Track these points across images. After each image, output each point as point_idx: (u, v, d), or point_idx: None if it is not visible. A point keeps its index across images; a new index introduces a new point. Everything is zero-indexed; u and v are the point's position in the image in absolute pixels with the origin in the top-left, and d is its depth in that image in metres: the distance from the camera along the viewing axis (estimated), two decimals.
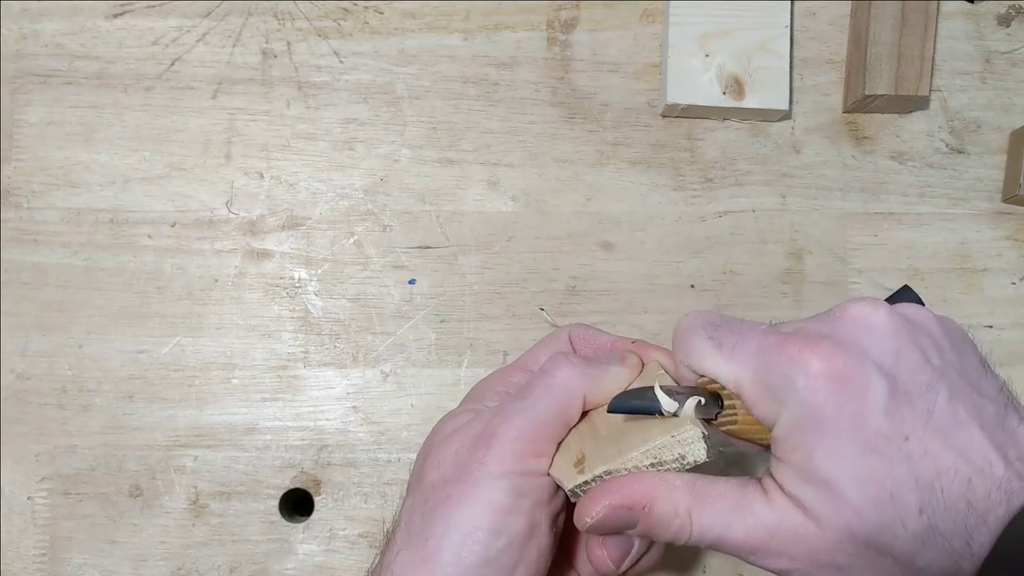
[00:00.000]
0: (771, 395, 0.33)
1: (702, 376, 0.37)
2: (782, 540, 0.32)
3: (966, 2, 0.60)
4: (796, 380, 0.32)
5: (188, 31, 0.59)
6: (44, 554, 0.56)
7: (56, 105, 0.58)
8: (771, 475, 0.34)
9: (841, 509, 0.31)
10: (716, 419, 0.36)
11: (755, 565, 0.34)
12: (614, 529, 0.36)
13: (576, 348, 0.43)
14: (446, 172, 0.58)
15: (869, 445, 0.31)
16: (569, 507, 0.38)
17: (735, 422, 0.36)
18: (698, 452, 0.35)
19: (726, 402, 0.36)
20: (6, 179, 0.58)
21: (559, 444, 0.38)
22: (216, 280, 0.58)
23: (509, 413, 0.38)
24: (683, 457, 0.35)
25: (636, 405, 0.36)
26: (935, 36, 0.57)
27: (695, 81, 0.56)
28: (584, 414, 0.39)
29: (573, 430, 0.39)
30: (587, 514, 0.35)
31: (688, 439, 0.35)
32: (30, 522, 0.56)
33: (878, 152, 0.59)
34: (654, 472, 0.35)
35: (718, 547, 0.34)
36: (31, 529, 0.56)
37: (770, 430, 0.34)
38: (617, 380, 0.39)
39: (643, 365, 0.41)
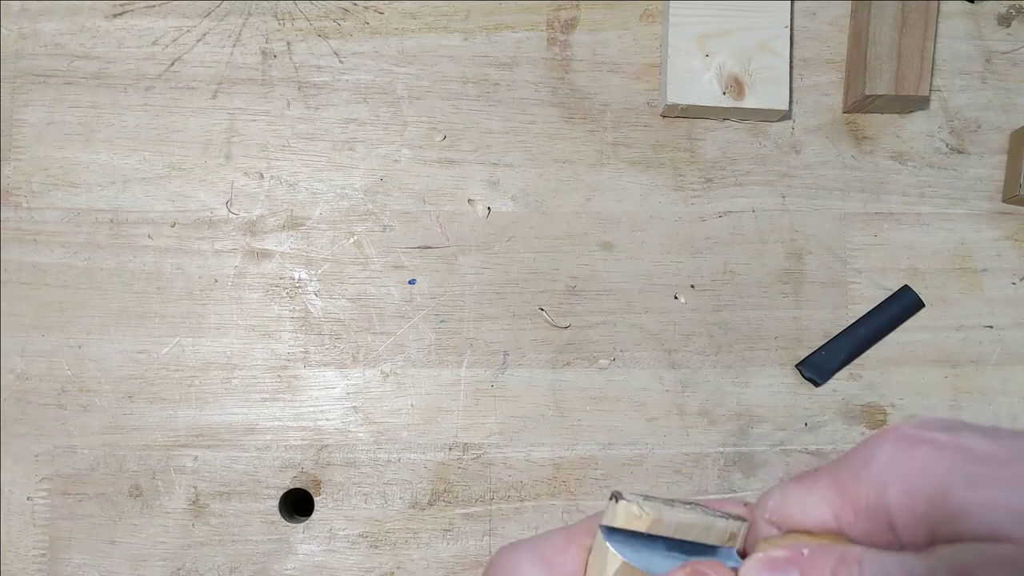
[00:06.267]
0: (868, 488, 0.30)
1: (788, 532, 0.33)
2: None
3: (966, 2, 0.60)
4: (877, 454, 0.30)
5: (188, 31, 0.59)
6: (44, 554, 0.56)
7: (56, 105, 0.58)
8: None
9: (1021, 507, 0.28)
10: None
11: None
12: None
13: None
14: (446, 172, 0.58)
15: (985, 457, 0.29)
16: None
17: None
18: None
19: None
20: (6, 179, 0.58)
21: None
22: (216, 280, 0.58)
23: None
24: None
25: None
26: (935, 36, 0.57)
27: (695, 81, 0.56)
28: None
29: None
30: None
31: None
32: (30, 522, 0.56)
33: (878, 152, 0.59)
34: None
35: None
36: (31, 529, 0.56)
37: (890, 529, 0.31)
38: None
39: None
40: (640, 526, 0.32)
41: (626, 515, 0.32)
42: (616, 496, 0.32)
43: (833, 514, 0.31)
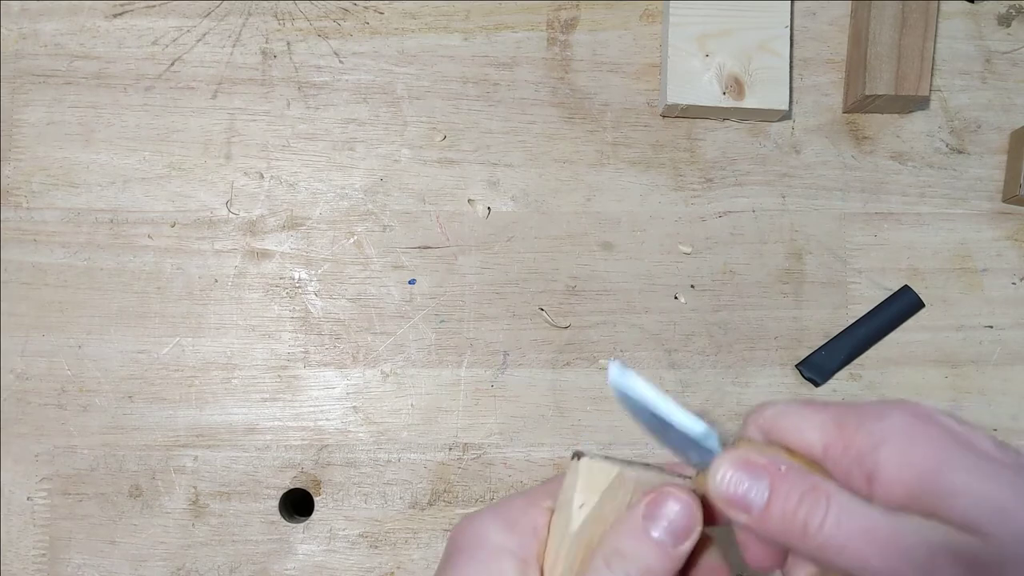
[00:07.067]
0: (867, 437, 0.31)
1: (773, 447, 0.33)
2: (934, 562, 0.29)
3: (966, 2, 0.60)
4: (891, 414, 0.30)
5: (188, 31, 0.59)
6: (44, 554, 0.56)
7: (55, 105, 0.58)
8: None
9: (1009, 506, 0.28)
10: None
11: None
12: (736, 498, 0.31)
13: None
14: (446, 172, 0.58)
15: (990, 456, 0.29)
16: None
17: None
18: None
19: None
20: (6, 179, 0.58)
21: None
22: (216, 280, 0.58)
23: None
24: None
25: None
26: (935, 36, 0.57)
27: (695, 81, 0.56)
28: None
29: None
30: (712, 475, 0.32)
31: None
32: (30, 522, 0.56)
33: (878, 152, 0.59)
34: None
35: (843, 554, 0.30)
36: (31, 529, 0.56)
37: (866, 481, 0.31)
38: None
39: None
40: (602, 483, 0.33)
41: (588, 472, 0.33)
42: (578, 455, 0.33)
43: (823, 444, 0.32)
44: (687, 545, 0.33)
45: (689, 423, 0.33)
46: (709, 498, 0.32)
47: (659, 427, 0.33)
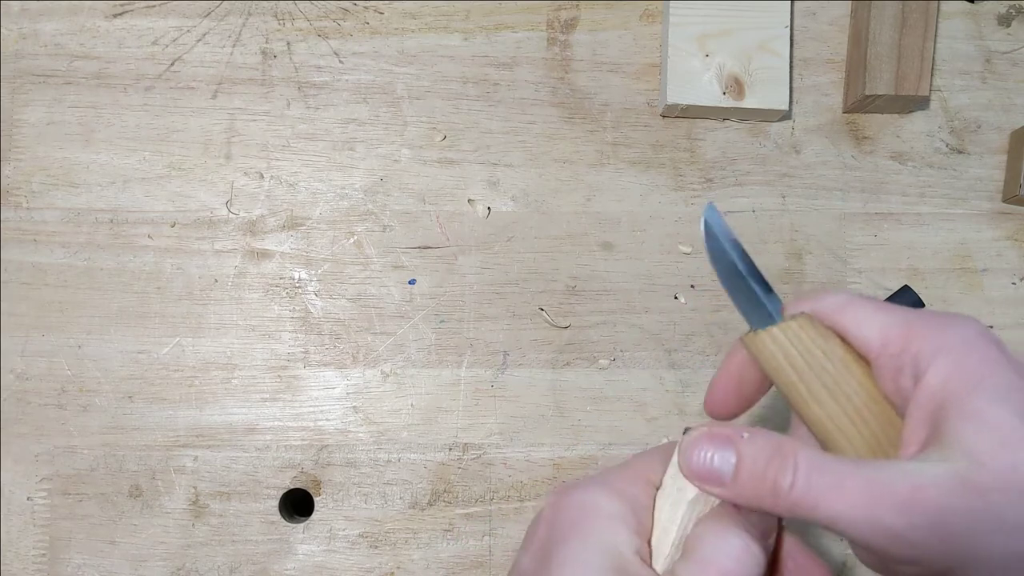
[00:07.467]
0: (928, 343, 0.31)
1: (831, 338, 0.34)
2: (915, 497, 0.29)
3: (966, 2, 0.60)
4: (960, 325, 0.31)
5: (188, 31, 0.59)
6: (44, 554, 0.56)
7: (55, 105, 0.58)
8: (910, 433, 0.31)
9: (1013, 438, 0.29)
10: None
11: (854, 540, 0.30)
12: (706, 472, 0.32)
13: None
14: (446, 172, 0.58)
15: None
16: None
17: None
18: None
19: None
20: (6, 179, 0.58)
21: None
22: (216, 280, 0.58)
23: None
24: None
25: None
26: (935, 36, 0.57)
27: (695, 81, 0.56)
28: None
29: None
30: (683, 446, 0.32)
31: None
32: (30, 522, 0.56)
33: (878, 152, 0.59)
34: None
35: (817, 510, 0.30)
36: (31, 529, 0.56)
37: (912, 382, 0.32)
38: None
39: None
40: None
41: None
42: (688, 430, 0.34)
43: (883, 341, 0.32)
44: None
45: (761, 286, 0.35)
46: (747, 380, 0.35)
47: (733, 278, 0.35)
